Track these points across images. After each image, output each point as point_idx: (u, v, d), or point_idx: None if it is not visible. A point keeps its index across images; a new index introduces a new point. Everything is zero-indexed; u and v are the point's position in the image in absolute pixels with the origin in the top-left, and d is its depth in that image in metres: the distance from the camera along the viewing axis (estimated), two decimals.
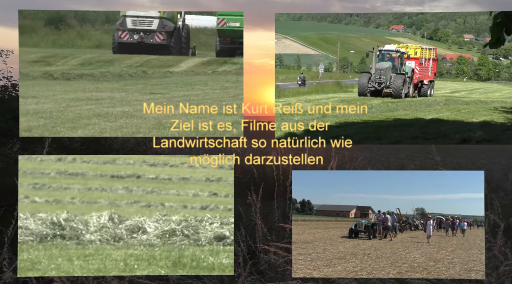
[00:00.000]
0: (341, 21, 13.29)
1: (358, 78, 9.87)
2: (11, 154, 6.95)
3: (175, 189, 6.33)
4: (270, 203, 5.81)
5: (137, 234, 5.00)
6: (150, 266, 4.58)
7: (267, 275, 4.90)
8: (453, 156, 11.40)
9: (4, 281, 4.52)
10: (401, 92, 9.46)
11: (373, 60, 10.22)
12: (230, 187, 5.06)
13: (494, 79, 10.39)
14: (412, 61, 10.19)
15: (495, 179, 8.35)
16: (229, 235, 4.97)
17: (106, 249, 4.79)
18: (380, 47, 10.51)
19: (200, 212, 5.54)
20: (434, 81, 10.17)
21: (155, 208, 5.66)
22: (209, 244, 4.92)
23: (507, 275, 4.54)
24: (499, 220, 4.99)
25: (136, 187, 6.23)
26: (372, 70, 9.99)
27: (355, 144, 5.33)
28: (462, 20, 12.76)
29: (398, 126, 6.53)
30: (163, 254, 4.74)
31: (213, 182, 6.56)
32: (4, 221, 5.15)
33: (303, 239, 4.94)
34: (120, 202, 5.79)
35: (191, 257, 4.69)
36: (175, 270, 4.56)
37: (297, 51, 12.47)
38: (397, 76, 9.81)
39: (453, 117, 7.21)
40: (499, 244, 4.74)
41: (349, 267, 4.51)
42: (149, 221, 5.14)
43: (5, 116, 7.23)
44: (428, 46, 10.33)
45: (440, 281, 4.56)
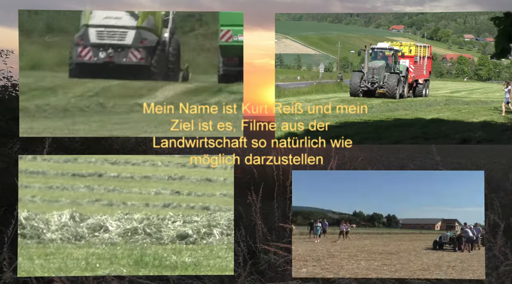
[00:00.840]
0: (341, 21, 13.28)
1: (350, 78, 9.52)
2: (11, 154, 6.95)
3: (137, 188, 6.27)
4: (270, 203, 5.80)
5: (99, 232, 4.95)
6: (112, 265, 4.52)
7: (267, 275, 4.89)
8: (453, 156, 11.39)
9: (4, 281, 4.52)
10: (396, 92, 9.13)
11: (366, 59, 9.88)
12: (193, 185, 5.03)
13: (494, 79, 10.39)
14: (406, 59, 9.90)
15: (495, 179, 8.34)
16: (192, 234, 4.94)
17: (67, 248, 4.74)
18: (372, 45, 10.19)
19: (163, 210, 5.51)
20: (429, 80, 9.99)
21: (117, 207, 5.62)
22: (171, 242, 4.88)
23: (507, 275, 4.54)
24: (499, 220, 4.98)
25: (98, 185, 6.14)
26: (364, 69, 9.65)
27: (355, 144, 5.33)
28: (463, 20, 12.77)
29: (398, 126, 6.53)
30: (125, 252, 4.69)
31: (175, 181, 6.52)
32: (4, 221, 5.15)
33: (388, 251, 4.93)
34: (82, 200, 5.73)
35: (153, 256, 4.64)
36: (137, 269, 4.51)
37: (298, 51, 12.46)
38: (391, 75, 9.48)
39: (453, 117, 7.21)
40: (499, 244, 4.74)
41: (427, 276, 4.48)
42: (111, 219, 5.09)
43: (5, 116, 7.23)
44: (422, 44, 10.15)
45: (440, 281, 4.56)
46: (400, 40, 10.42)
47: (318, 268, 4.59)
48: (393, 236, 5.19)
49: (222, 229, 5.00)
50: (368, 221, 5.15)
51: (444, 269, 4.65)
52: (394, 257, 4.87)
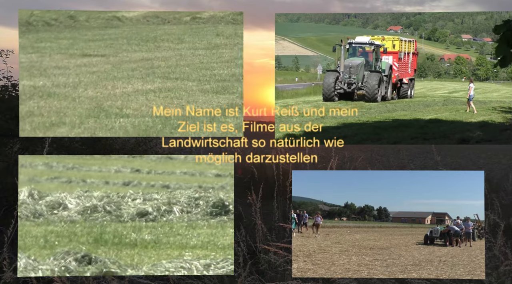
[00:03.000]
0: (339, 22, 13.29)
1: (323, 78, 8.24)
2: (11, 154, 6.94)
3: (97, 166, 6.18)
4: (270, 203, 5.81)
5: (58, 210, 4.91)
6: (71, 243, 4.47)
7: (267, 275, 4.89)
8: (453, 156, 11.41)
9: (4, 281, 4.51)
10: (376, 94, 7.96)
11: (342, 56, 8.71)
12: (153, 163, 4.93)
13: (492, 79, 10.39)
14: (389, 56, 8.82)
15: (495, 179, 8.35)
16: (152, 211, 4.89)
17: (25, 225, 4.68)
18: (350, 39, 9.10)
19: (123, 188, 5.44)
20: (414, 79, 9.16)
21: (76, 184, 5.55)
22: (131, 220, 4.84)
23: (507, 275, 4.55)
24: (499, 220, 4.99)
25: (56, 163, 6.06)
26: (340, 68, 8.51)
27: (354, 144, 5.33)
28: (460, 20, 12.78)
29: (397, 127, 6.53)
30: (84, 230, 4.65)
31: (136, 158, 6.40)
32: (4, 221, 5.14)
33: (380, 245, 4.90)
34: (40, 178, 5.65)
35: (113, 234, 4.60)
36: (97, 247, 4.42)
37: (296, 52, 12.44)
38: (371, 74, 8.24)
39: (452, 117, 7.20)
40: (499, 244, 4.75)
41: (424, 274, 4.45)
42: (70, 197, 5.03)
43: (5, 116, 7.22)
44: (407, 38, 9.25)
45: (440, 281, 4.57)
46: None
47: (309, 264, 4.56)
48: (384, 230, 5.17)
49: (182, 206, 4.96)
50: (359, 214, 5.14)
51: (435, 264, 4.65)
52: (385, 252, 4.87)
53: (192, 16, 5.69)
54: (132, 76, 4.97)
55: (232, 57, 4.89)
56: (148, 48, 5.85)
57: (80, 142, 7.70)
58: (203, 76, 5.00)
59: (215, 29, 5.93)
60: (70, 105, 4.73)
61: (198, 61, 5.49)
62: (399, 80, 8.67)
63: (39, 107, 4.83)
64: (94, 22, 5.75)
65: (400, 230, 5.48)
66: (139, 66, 5.44)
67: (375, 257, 4.67)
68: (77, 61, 5.65)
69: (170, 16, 5.77)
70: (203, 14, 5.81)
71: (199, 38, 6.07)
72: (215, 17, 5.64)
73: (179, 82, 4.99)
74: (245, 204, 5.50)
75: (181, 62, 5.52)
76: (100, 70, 5.15)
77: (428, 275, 4.40)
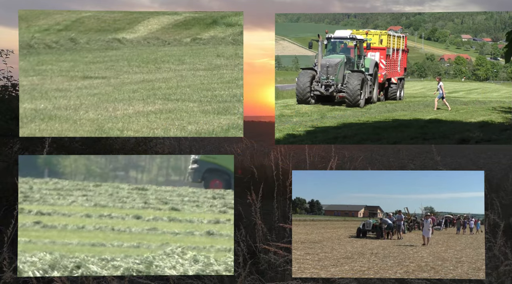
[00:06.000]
0: (338, 22, 13.29)
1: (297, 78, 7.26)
2: (11, 154, 6.94)
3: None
4: (270, 203, 5.81)
5: None
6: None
7: (267, 275, 4.89)
8: (453, 156, 11.42)
9: (4, 281, 4.51)
10: (359, 98, 6.90)
11: (320, 52, 7.69)
12: None
13: (492, 79, 10.39)
14: (375, 52, 7.78)
15: (495, 179, 8.36)
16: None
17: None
18: (329, 33, 8.04)
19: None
20: (404, 79, 8.26)
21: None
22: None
23: (507, 275, 4.55)
24: (499, 220, 4.99)
25: None
26: (317, 67, 7.53)
27: (354, 144, 5.34)
28: (460, 20, 12.78)
29: (396, 127, 6.52)
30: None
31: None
32: (4, 221, 5.14)
33: (311, 239, 4.89)
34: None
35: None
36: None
37: (295, 52, 12.44)
38: (352, 74, 7.24)
39: (451, 117, 7.19)
40: (499, 244, 4.75)
41: (356, 267, 4.46)
42: None
43: (5, 116, 7.22)
44: (397, 33, 8.25)
45: (440, 281, 4.56)
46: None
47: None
48: (316, 223, 5.13)
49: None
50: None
51: (367, 257, 4.65)
52: (317, 246, 4.86)
53: (192, 37, 5.80)
54: (133, 98, 4.89)
55: (233, 77, 4.84)
56: (149, 69, 5.84)
57: (80, 142, 7.71)
58: (204, 97, 4.94)
59: (216, 49, 5.94)
60: (71, 127, 4.62)
61: (199, 82, 5.47)
62: (386, 80, 7.78)
63: (40, 130, 4.72)
64: (95, 44, 5.81)
65: (333, 223, 5.46)
66: (140, 87, 5.37)
67: (306, 251, 4.67)
68: (78, 83, 5.57)
69: (171, 37, 5.89)
70: (203, 35, 5.83)
71: (199, 59, 6.02)
72: (216, 38, 5.76)
73: (180, 103, 4.90)
74: (245, 204, 5.50)
75: (182, 83, 5.51)
76: (101, 92, 5.05)
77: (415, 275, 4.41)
